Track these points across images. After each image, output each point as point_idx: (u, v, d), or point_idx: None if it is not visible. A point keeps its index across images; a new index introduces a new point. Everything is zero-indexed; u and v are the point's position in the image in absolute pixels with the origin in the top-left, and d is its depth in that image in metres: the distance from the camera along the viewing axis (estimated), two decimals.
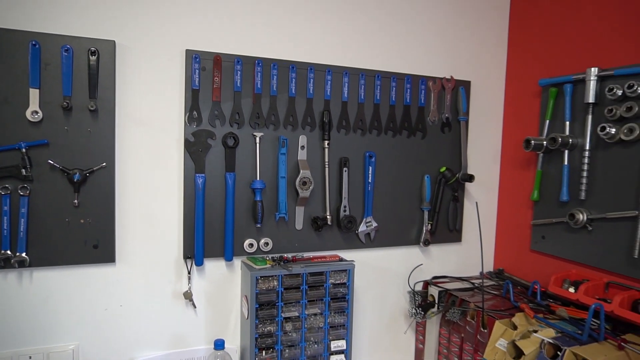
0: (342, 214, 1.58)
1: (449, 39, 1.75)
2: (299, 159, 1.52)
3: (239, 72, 1.43)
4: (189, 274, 1.44)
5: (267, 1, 1.48)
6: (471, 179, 1.71)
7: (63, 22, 1.27)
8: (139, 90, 1.36)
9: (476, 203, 1.75)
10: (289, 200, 1.52)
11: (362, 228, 1.63)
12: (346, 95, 1.57)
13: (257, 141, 1.46)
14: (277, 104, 1.48)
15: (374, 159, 1.62)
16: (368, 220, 1.63)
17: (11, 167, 1.23)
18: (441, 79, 1.71)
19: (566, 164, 1.54)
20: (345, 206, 1.58)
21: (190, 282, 1.44)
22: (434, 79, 1.70)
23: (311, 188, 1.50)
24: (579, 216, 1.49)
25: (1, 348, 1.28)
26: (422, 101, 1.69)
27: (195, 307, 1.47)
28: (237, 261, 1.50)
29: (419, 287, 1.74)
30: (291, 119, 1.50)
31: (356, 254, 1.64)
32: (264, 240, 1.50)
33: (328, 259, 1.53)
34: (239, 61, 1.43)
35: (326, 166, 1.55)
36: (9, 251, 1.25)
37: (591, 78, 1.45)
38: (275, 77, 1.47)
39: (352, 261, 1.52)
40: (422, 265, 1.76)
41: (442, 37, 1.74)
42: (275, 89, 1.48)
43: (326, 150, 1.54)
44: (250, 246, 1.48)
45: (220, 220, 1.45)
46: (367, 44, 1.63)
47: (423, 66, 1.71)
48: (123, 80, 1.34)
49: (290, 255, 1.51)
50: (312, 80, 1.52)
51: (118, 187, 1.35)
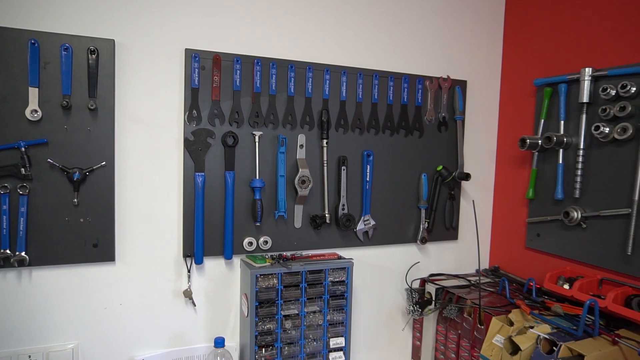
0: (340, 212, 1.59)
1: (446, 39, 1.77)
2: (297, 157, 1.53)
3: (238, 71, 1.43)
4: (188, 272, 1.44)
5: (267, 1, 1.49)
6: (468, 177, 1.73)
7: (62, 20, 1.27)
8: (138, 89, 1.36)
9: (473, 201, 1.77)
10: (288, 199, 1.52)
11: (360, 226, 1.64)
12: (344, 94, 1.58)
13: (257, 140, 1.47)
14: (276, 103, 1.49)
15: (372, 157, 1.63)
16: (366, 219, 1.65)
17: (10, 166, 1.23)
18: (438, 78, 1.72)
19: (561, 162, 1.57)
20: (343, 205, 1.59)
21: (190, 280, 1.45)
22: (430, 78, 1.71)
23: (310, 187, 1.51)
24: (574, 214, 1.51)
25: (1, 347, 1.28)
26: (419, 100, 1.70)
27: (195, 306, 1.47)
28: (237, 259, 1.51)
29: (416, 284, 1.75)
30: (290, 118, 1.51)
31: (354, 252, 1.66)
32: (263, 238, 1.51)
33: (327, 257, 1.54)
34: (238, 60, 1.43)
35: (325, 165, 1.56)
36: (8, 250, 1.24)
37: (585, 78, 1.47)
38: (274, 76, 1.48)
39: (351, 259, 1.53)
40: (419, 263, 1.78)
41: (439, 37, 1.76)
42: (274, 88, 1.48)
43: (325, 149, 1.56)
44: (250, 244, 1.49)
45: (219, 219, 1.45)
46: (365, 44, 1.64)
47: (420, 66, 1.73)
48: (122, 80, 1.34)
49: (289, 253, 1.52)
50: (310, 79, 1.53)
51: (118, 186, 1.35)
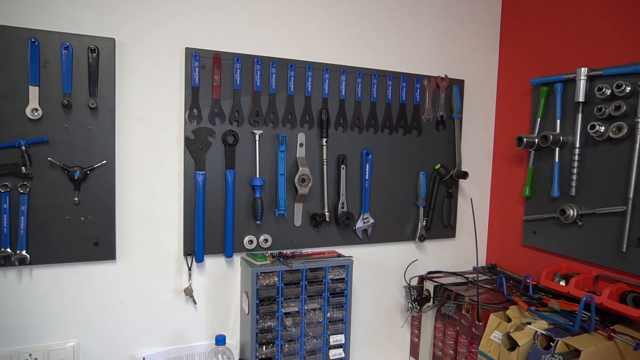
0: (340, 210, 1.60)
1: (444, 38, 1.78)
2: (297, 156, 1.54)
3: (238, 70, 1.44)
4: (189, 270, 1.45)
5: (267, 0, 1.49)
6: (465, 175, 1.75)
7: (63, 19, 1.27)
8: (139, 88, 1.36)
9: (471, 199, 1.79)
10: (288, 197, 1.53)
11: (359, 224, 1.65)
12: (344, 93, 1.59)
13: (257, 139, 1.48)
14: (276, 102, 1.50)
15: (370, 156, 1.64)
16: (365, 217, 1.66)
17: (11, 164, 1.23)
18: (436, 77, 1.74)
19: (557, 161, 1.59)
20: (343, 203, 1.61)
21: (190, 278, 1.45)
22: (428, 77, 1.73)
23: (310, 185, 1.52)
24: (570, 212, 1.53)
25: (1, 346, 1.28)
26: (418, 99, 1.72)
27: (195, 304, 1.48)
28: (237, 257, 1.52)
29: (415, 282, 1.77)
30: (290, 116, 1.52)
31: (353, 249, 1.67)
32: (263, 236, 1.52)
33: (326, 254, 1.55)
34: (238, 59, 1.44)
35: (324, 163, 1.57)
36: (9, 249, 1.24)
37: (581, 78, 1.49)
38: (274, 75, 1.49)
39: (351, 257, 1.55)
40: (417, 260, 1.80)
41: (437, 37, 1.77)
42: (274, 87, 1.49)
43: (324, 147, 1.57)
44: (250, 243, 1.50)
45: (220, 217, 1.46)
46: (364, 44, 1.65)
47: (418, 65, 1.74)
48: (123, 78, 1.34)
49: (289, 251, 1.53)
50: (310, 78, 1.54)
51: (118, 184, 1.35)
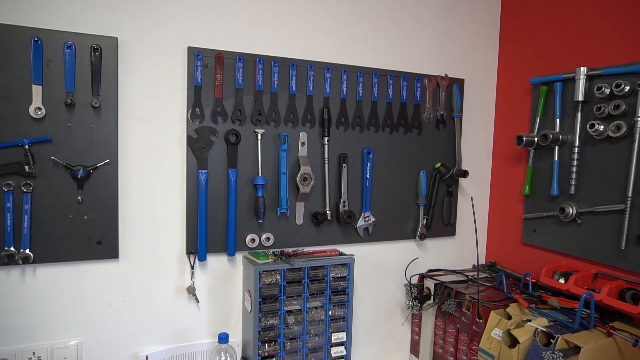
0: (341, 209, 1.61)
1: (444, 38, 1.79)
2: (299, 155, 1.54)
3: (240, 69, 1.44)
4: (191, 269, 1.46)
5: (268, 0, 1.51)
6: (465, 174, 1.76)
7: (65, 18, 1.27)
8: (141, 87, 1.37)
9: (471, 198, 1.80)
10: (289, 196, 1.54)
11: (360, 223, 1.66)
12: (345, 92, 1.60)
13: (259, 138, 1.48)
14: (277, 101, 1.51)
15: (371, 155, 1.65)
16: (366, 215, 1.67)
17: (14, 163, 1.23)
18: (436, 77, 1.75)
19: (556, 159, 1.60)
20: (344, 201, 1.61)
21: (193, 277, 1.46)
22: (429, 77, 1.74)
23: (311, 184, 1.53)
24: (569, 210, 1.55)
25: (5, 344, 1.28)
26: (418, 99, 1.72)
27: (198, 302, 1.48)
28: (239, 256, 1.52)
29: (415, 280, 1.78)
30: (292, 115, 1.53)
31: (355, 248, 1.68)
32: (265, 235, 1.52)
33: (328, 253, 1.56)
34: (240, 59, 1.44)
35: (326, 162, 1.58)
36: (12, 248, 1.25)
37: (581, 77, 1.50)
38: (276, 74, 1.49)
39: (352, 255, 1.56)
40: (417, 258, 1.81)
41: (437, 36, 1.78)
42: (276, 86, 1.50)
43: (326, 146, 1.57)
44: (252, 241, 1.51)
45: (222, 216, 1.46)
46: (365, 43, 1.66)
47: (419, 64, 1.75)
48: (126, 77, 1.34)
49: (291, 249, 1.54)
50: (312, 77, 1.54)
51: (121, 183, 1.36)
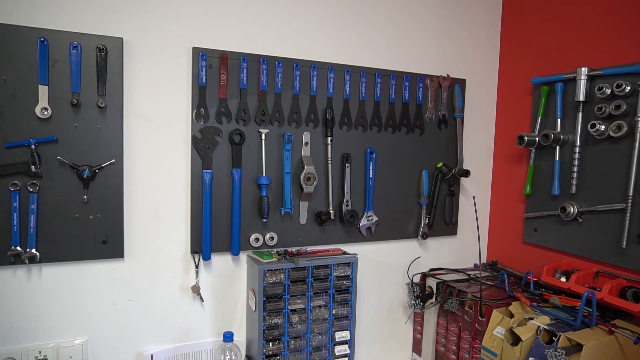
0: (344, 208, 1.62)
1: (445, 38, 1.81)
2: (303, 155, 1.55)
3: (244, 69, 1.45)
4: (196, 268, 1.46)
5: (272, 1, 1.51)
6: (467, 174, 1.77)
7: (71, 18, 1.28)
8: (146, 87, 1.37)
9: (473, 197, 1.81)
10: (293, 196, 1.55)
11: (363, 222, 1.67)
12: (348, 93, 1.61)
13: (263, 138, 1.49)
14: (281, 101, 1.51)
15: (374, 154, 1.66)
16: (369, 215, 1.68)
17: (21, 163, 1.24)
18: (438, 77, 1.76)
19: (557, 159, 1.61)
20: (347, 201, 1.62)
21: (197, 276, 1.47)
22: (431, 77, 1.75)
23: (315, 183, 1.54)
24: (570, 209, 1.56)
25: (11, 343, 1.29)
26: (420, 99, 1.74)
27: (202, 301, 1.49)
28: (243, 255, 1.53)
29: (417, 279, 1.79)
30: (295, 116, 1.54)
31: (357, 247, 1.69)
32: (269, 234, 1.53)
33: (331, 252, 1.57)
34: (244, 59, 1.45)
35: (329, 162, 1.59)
36: (19, 247, 1.25)
37: (582, 77, 1.52)
38: (280, 74, 1.50)
39: (355, 254, 1.57)
40: (419, 257, 1.82)
41: (439, 37, 1.79)
42: (279, 86, 1.51)
43: (329, 146, 1.58)
44: (256, 240, 1.51)
45: (226, 216, 1.47)
46: (367, 44, 1.67)
47: (421, 65, 1.76)
48: (131, 78, 1.35)
49: (295, 249, 1.55)
50: (315, 78, 1.55)
51: (126, 183, 1.37)
